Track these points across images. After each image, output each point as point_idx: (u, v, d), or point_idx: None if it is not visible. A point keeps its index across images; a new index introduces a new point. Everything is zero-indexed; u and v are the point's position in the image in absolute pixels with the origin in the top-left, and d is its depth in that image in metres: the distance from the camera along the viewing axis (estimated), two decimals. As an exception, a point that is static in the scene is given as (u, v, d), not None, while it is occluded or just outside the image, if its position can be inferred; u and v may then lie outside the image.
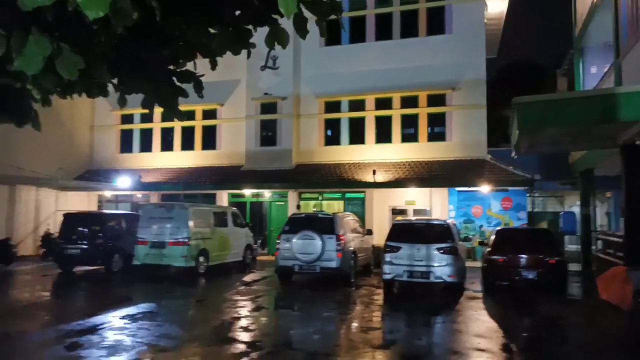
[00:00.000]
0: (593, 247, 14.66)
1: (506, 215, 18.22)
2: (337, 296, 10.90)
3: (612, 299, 9.25)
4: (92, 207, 21.44)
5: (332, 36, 19.88)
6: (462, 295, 10.92)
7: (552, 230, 16.65)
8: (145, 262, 13.50)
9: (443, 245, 10.65)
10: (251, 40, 5.29)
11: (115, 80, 5.53)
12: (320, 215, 12.63)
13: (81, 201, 21.09)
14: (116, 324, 7.85)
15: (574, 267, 15.64)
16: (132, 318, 8.31)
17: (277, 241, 12.39)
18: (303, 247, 11.80)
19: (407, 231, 11.18)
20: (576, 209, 17.38)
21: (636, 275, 7.72)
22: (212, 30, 5.23)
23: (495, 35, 22.18)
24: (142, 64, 5.57)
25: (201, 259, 13.82)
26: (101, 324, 7.80)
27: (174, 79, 6.20)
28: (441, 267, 10.55)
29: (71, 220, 14.43)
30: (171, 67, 6.12)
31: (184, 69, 6.21)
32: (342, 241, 11.92)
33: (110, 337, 7.05)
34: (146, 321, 8.10)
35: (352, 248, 12.53)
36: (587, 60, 14.99)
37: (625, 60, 9.82)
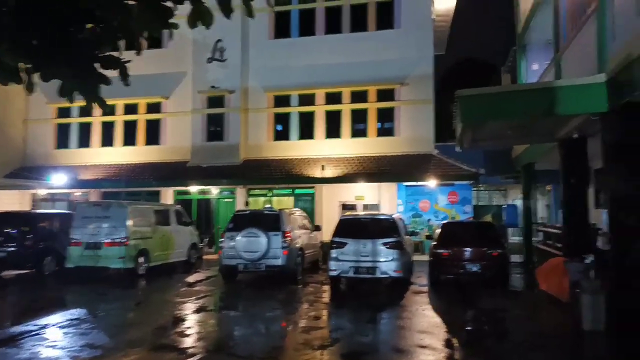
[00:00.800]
0: (534, 239, 15.09)
1: (453, 209, 18.50)
2: (282, 295, 10.60)
3: (551, 290, 9.46)
4: (26, 206, 20.10)
5: (281, 29, 19.51)
6: (408, 290, 10.88)
7: (496, 223, 17.14)
8: (79, 265, 12.69)
9: (388, 240, 10.55)
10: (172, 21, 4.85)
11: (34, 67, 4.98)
12: (265, 212, 12.28)
13: (13, 200, 19.69)
14: (38, 333, 7.21)
15: (516, 258, 16.09)
16: (58, 326, 7.68)
17: (221, 239, 11.94)
18: (247, 245, 11.41)
19: (353, 227, 11.02)
20: (519, 202, 17.86)
21: (573, 267, 7.86)
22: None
23: (443, 32, 22.45)
24: (60, 48, 5.05)
25: (141, 259, 13.15)
26: (21, 334, 7.15)
27: (96, 65, 5.69)
28: (387, 262, 10.45)
29: (-3, 220, 13.36)
30: (95, 52, 5.62)
31: (107, 54, 5.72)
32: (288, 238, 11.62)
33: (28, 348, 6.44)
34: (72, 329, 7.49)
35: (299, 245, 12.25)
36: (529, 57, 15.32)
37: (565, 55, 10.00)
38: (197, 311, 8.95)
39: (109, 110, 5.33)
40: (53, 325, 7.71)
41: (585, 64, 8.38)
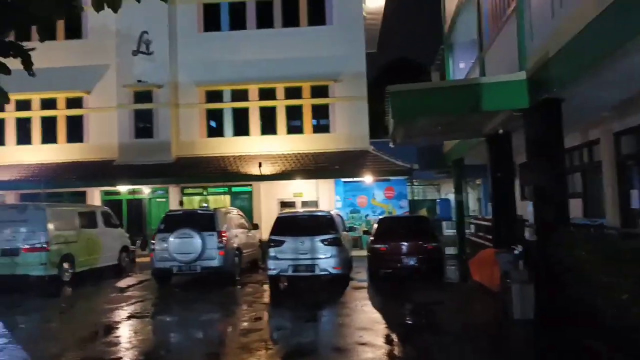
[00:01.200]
0: (467, 231, 15.71)
1: (389, 204, 18.88)
2: (218, 297, 10.27)
3: (484, 281, 9.83)
4: None
5: (211, 22, 18.95)
6: (348, 286, 10.93)
7: (430, 217, 17.68)
8: (-6, 273, 11.63)
9: (326, 236, 10.51)
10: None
11: None
12: (199, 212, 11.88)
13: None
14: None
15: (451, 250, 16.69)
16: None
17: (152, 241, 11.39)
18: (181, 246, 10.95)
19: (291, 224, 10.88)
20: (452, 196, 18.55)
21: (503, 257, 8.19)
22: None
23: (374, 30, 22.78)
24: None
25: (65, 265, 12.27)
26: None
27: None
28: (325, 259, 10.41)
29: None
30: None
31: (7, 40, 5.18)
32: (225, 238, 11.28)
33: None
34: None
35: (236, 245, 11.95)
36: (455, 55, 15.89)
37: (488, 54, 10.42)
38: (128, 318, 8.43)
39: (6, 102, 4.87)
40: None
41: (507, 62, 8.76)
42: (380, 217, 13.64)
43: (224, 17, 18.99)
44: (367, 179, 17.41)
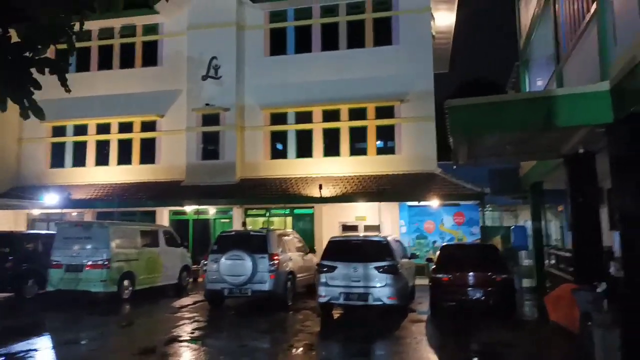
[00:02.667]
0: (546, 262, 14.22)
1: (459, 230, 17.68)
2: (266, 323, 9.79)
3: (561, 321, 8.57)
4: (20, 226, 19.66)
5: (277, 46, 19.15)
6: (406, 318, 10.06)
7: (504, 246, 16.24)
8: (59, 288, 12.06)
9: (381, 263, 9.76)
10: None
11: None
12: (251, 233, 11.61)
13: (7, 220, 19.28)
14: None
15: (528, 283, 15.17)
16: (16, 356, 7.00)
17: (204, 262, 11.26)
18: (232, 268, 10.70)
19: (343, 249, 10.25)
20: (530, 223, 17.02)
21: (582, 295, 7.02)
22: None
23: (445, 50, 21.99)
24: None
25: (126, 282, 12.51)
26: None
27: (31, 69, 5.15)
28: (380, 288, 9.64)
29: (-24, 241, 12.85)
30: (30, 55, 5.09)
31: (43, 56, 5.19)
32: (276, 261, 10.89)
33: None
34: (24, 362, 6.82)
35: (288, 268, 11.51)
36: (532, 72, 14.69)
37: (566, 66, 9.34)
38: (169, 342, 8.20)
39: (42, 118, 4.78)
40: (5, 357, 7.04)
41: (588, 73, 7.70)
42: (444, 244, 12.62)
43: (290, 41, 19.13)
44: (434, 203, 16.39)
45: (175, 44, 19.70)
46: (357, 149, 18.24)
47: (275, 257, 10.92)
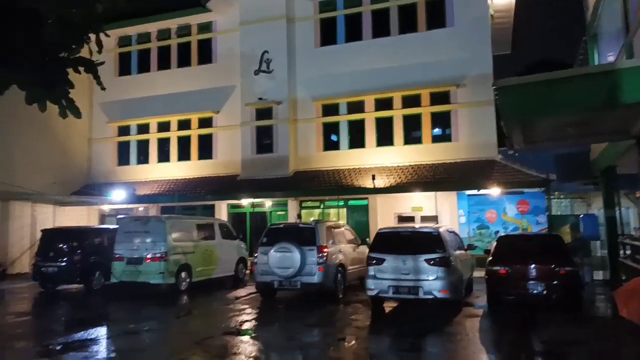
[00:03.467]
0: (622, 253, 13.10)
1: (524, 219, 16.72)
2: (315, 317, 9.71)
3: (634, 318, 7.79)
4: (93, 221, 20.93)
5: (327, 36, 18.93)
6: (460, 313, 9.60)
7: (574, 235, 15.14)
8: (122, 280, 12.67)
9: (432, 255, 9.34)
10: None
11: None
12: (300, 225, 11.56)
13: (81, 216, 20.58)
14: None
15: (600, 275, 14.10)
16: (62, 346, 7.39)
17: (255, 254, 11.36)
18: (280, 260, 10.70)
19: (392, 241, 9.92)
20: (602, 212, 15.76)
21: (654, 290, 6.31)
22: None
23: (506, 30, 20.74)
24: (14, 50, 4.69)
25: (183, 274, 12.91)
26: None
27: (67, 69, 5.32)
28: (431, 281, 9.25)
29: (49, 236, 13.76)
30: (64, 55, 5.25)
31: (78, 56, 5.33)
32: (325, 253, 10.77)
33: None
34: (73, 352, 7.14)
35: (338, 261, 11.35)
36: (601, 47, 13.50)
37: (636, 37, 8.43)
38: (216, 335, 8.32)
39: (78, 116, 4.90)
40: (61, 345, 7.44)
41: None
42: (502, 234, 11.91)
43: (340, 30, 18.84)
44: (494, 191, 15.56)
45: (228, 41, 20.03)
46: (412, 138, 17.70)
47: (324, 250, 10.80)
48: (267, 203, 18.99)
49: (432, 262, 9.30)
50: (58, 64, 5.25)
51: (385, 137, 17.83)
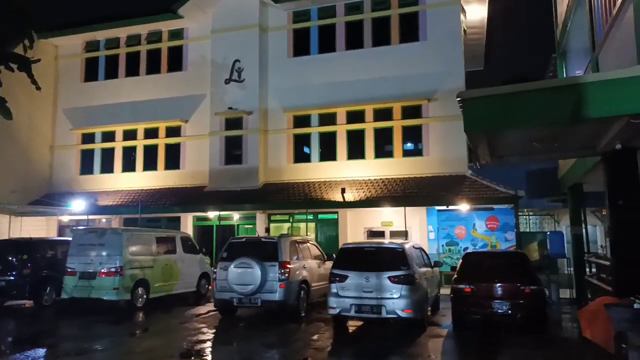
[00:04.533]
0: (588, 271, 13.03)
1: (492, 236, 16.58)
2: (275, 337, 9.20)
3: (597, 339, 7.57)
4: (52, 232, 20.04)
5: (300, 46, 18.70)
6: (425, 332, 9.26)
7: (542, 253, 15.06)
8: (73, 295, 11.94)
9: (396, 273, 9.00)
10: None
11: None
12: (263, 240, 11.09)
13: (39, 227, 19.69)
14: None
15: (567, 293, 14.00)
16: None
17: (214, 270, 10.83)
18: (240, 277, 10.20)
19: (356, 257, 9.55)
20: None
21: (617, 312, 6.07)
22: None
23: (478, 46, 20.93)
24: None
25: (139, 290, 12.27)
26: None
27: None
28: (394, 300, 8.88)
29: (-2, 248, 12.97)
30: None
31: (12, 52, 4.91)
32: (287, 269, 10.32)
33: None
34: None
35: (301, 277, 10.91)
36: (569, 63, 13.60)
37: (602, 54, 8.38)
38: (168, 357, 7.79)
39: (9, 118, 4.47)
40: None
41: (625, 59, 6.80)
42: (466, 251, 11.69)
43: (313, 41, 18.64)
44: (464, 207, 15.41)
45: (199, 49, 19.62)
46: (383, 151, 17.50)
47: (287, 265, 10.36)
48: (235, 216, 18.48)
49: (395, 279, 8.95)
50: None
51: (356, 150, 17.59)
